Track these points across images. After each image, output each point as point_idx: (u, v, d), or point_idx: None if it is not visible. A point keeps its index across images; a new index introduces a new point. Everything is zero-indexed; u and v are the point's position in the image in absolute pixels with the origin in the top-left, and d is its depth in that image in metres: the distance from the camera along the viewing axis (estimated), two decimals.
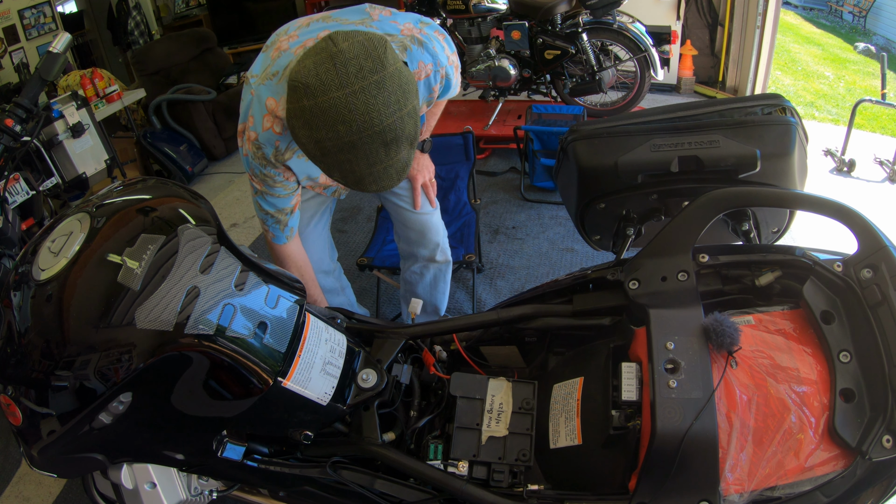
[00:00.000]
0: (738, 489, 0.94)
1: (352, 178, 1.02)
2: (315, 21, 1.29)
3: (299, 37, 1.23)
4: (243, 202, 3.65)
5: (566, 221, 2.94)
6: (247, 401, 0.97)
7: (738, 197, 1.11)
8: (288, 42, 1.23)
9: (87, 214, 0.94)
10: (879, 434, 0.90)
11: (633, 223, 1.46)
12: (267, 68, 1.22)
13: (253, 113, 1.23)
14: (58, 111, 2.89)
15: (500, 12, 3.49)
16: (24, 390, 0.89)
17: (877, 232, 0.99)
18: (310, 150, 1.00)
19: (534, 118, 3.24)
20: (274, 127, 1.22)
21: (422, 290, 1.92)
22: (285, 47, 1.22)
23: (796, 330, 1.02)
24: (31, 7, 4.38)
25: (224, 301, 0.91)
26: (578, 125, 1.38)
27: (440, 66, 1.31)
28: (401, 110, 0.96)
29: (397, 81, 0.96)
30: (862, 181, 3.24)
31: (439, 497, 1.10)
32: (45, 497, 1.87)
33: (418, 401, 1.23)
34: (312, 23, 1.28)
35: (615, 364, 1.09)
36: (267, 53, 1.26)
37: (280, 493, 1.18)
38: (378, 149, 0.97)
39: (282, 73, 1.18)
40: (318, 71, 0.93)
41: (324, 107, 0.93)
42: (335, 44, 0.94)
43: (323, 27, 1.24)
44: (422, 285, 1.91)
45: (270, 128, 1.22)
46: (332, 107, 0.93)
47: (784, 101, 1.30)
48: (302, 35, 1.24)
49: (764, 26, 3.83)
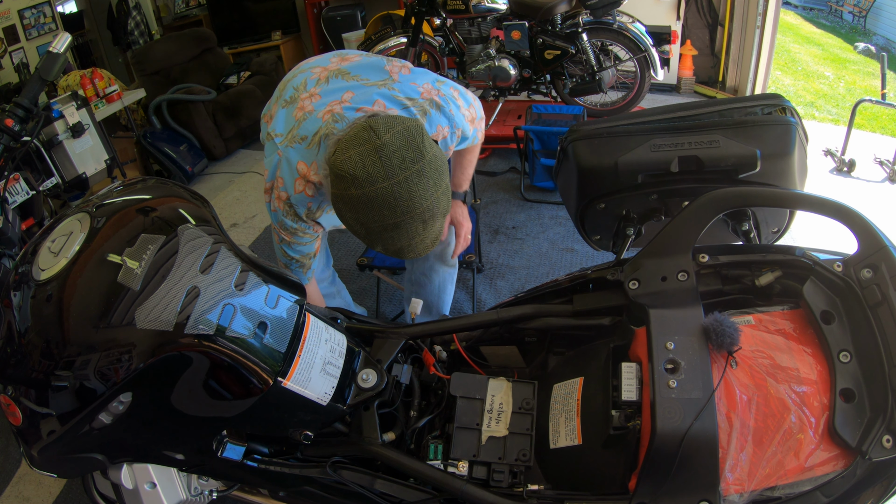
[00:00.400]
0: (738, 489, 0.94)
1: (392, 249, 1.11)
2: (333, 77, 1.30)
3: (321, 97, 1.26)
4: (243, 202, 3.66)
5: (566, 221, 2.94)
6: (247, 401, 0.97)
7: (738, 197, 1.11)
8: (311, 102, 1.26)
9: (87, 214, 0.94)
10: (879, 434, 0.90)
11: (633, 223, 1.46)
12: (293, 130, 1.26)
13: (283, 175, 1.26)
14: (58, 111, 2.89)
15: (500, 12, 3.49)
16: (24, 390, 0.89)
17: (877, 232, 0.98)
18: (355, 229, 1.09)
19: (534, 118, 3.24)
20: (306, 190, 1.26)
21: (429, 293, 1.92)
22: (309, 109, 1.25)
23: (796, 330, 1.02)
24: (31, 7, 4.38)
25: (224, 301, 0.91)
26: (578, 125, 1.38)
27: (456, 129, 1.37)
28: (437, 191, 1.06)
29: (433, 165, 1.05)
30: (862, 181, 3.24)
31: (439, 497, 1.10)
32: (45, 497, 1.87)
33: (418, 401, 1.23)
34: (331, 79, 1.30)
35: (615, 364, 1.09)
36: (289, 111, 1.29)
37: (280, 493, 1.18)
38: (418, 226, 1.06)
39: (311, 139, 1.23)
40: (364, 163, 1.00)
41: (370, 196, 1.01)
42: (378, 136, 1.01)
43: (345, 87, 1.27)
44: (429, 287, 1.91)
45: (303, 191, 1.27)
46: (378, 196, 1.01)
47: (784, 101, 1.30)
48: (324, 95, 1.26)
49: (764, 26, 3.83)
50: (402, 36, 3.71)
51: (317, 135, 1.23)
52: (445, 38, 3.73)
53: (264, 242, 3.14)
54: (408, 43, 3.70)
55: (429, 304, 1.93)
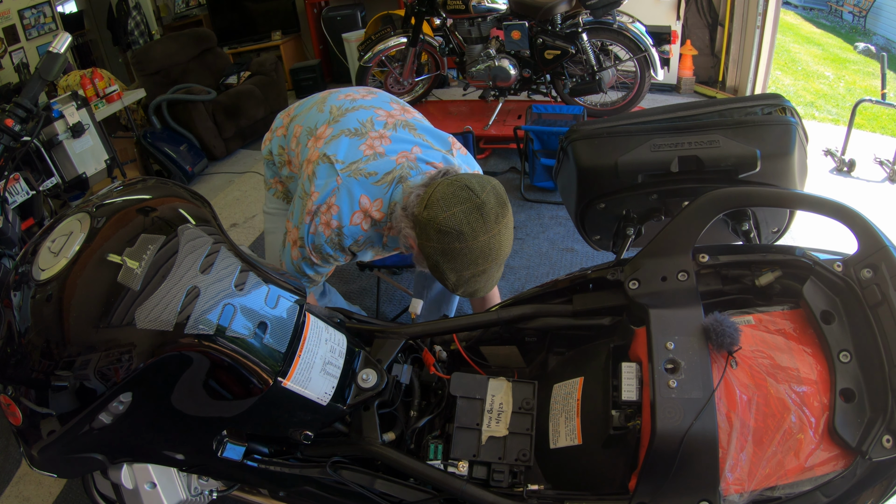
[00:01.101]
0: (738, 489, 0.94)
1: (471, 291, 1.24)
2: (401, 127, 1.39)
3: (392, 142, 1.35)
4: (243, 202, 3.66)
5: (566, 221, 2.94)
6: (247, 401, 0.97)
7: (738, 197, 1.11)
8: (381, 144, 1.34)
9: (87, 214, 0.94)
10: (879, 434, 0.90)
11: (633, 223, 1.46)
12: (358, 163, 1.31)
13: (339, 203, 1.30)
14: (58, 111, 2.89)
15: (500, 12, 3.49)
16: (24, 390, 0.89)
17: (877, 232, 0.98)
18: (446, 276, 1.20)
19: (534, 118, 3.25)
20: (363, 224, 1.33)
21: (440, 287, 1.92)
22: (380, 150, 1.33)
23: (796, 330, 1.02)
24: (31, 7, 4.38)
25: (224, 301, 0.91)
26: (578, 125, 1.38)
27: None
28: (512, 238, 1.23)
29: (511, 217, 1.20)
30: (862, 181, 3.24)
31: (439, 497, 1.10)
32: (45, 497, 1.87)
33: (418, 401, 1.23)
34: (398, 128, 1.37)
35: (615, 364, 1.09)
36: (354, 143, 1.34)
37: (280, 493, 1.18)
38: (496, 271, 1.23)
39: (382, 177, 1.31)
40: (469, 220, 1.13)
41: (472, 248, 1.15)
42: (477, 195, 1.14)
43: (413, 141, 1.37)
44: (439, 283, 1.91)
45: (359, 224, 1.33)
46: (477, 248, 1.15)
47: (784, 101, 1.30)
48: (395, 141, 1.35)
49: (764, 26, 3.83)
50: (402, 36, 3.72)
51: (389, 174, 1.31)
52: (445, 38, 3.73)
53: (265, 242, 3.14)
54: (408, 43, 3.71)
55: (439, 296, 1.93)
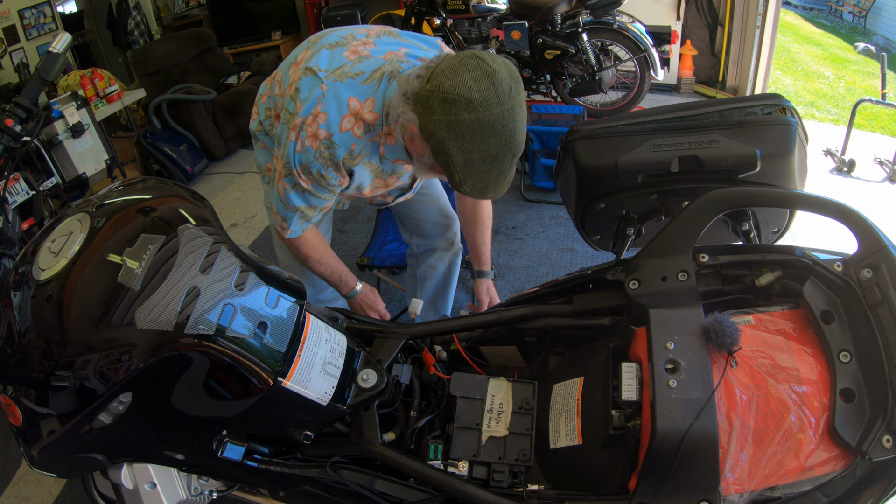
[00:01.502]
0: (738, 489, 0.94)
1: (480, 186, 1.09)
2: (386, 35, 1.28)
3: (377, 45, 1.23)
4: (243, 202, 3.66)
5: (566, 221, 2.94)
6: (247, 401, 0.97)
7: (738, 197, 1.11)
8: (366, 48, 1.22)
9: (87, 214, 0.94)
10: (879, 434, 0.90)
11: (633, 223, 1.46)
12: (343, 66, 1.19)
13: (326, 110, 1.18)
14: (58, 111, 2.90)
15: (500, 12, 3.50)
16: (24, 390, 0.89)
17: (877, 232, 0.98)
18: (455, 159, 1.05)
19: (534, 118, 3.25)
20: (354, 130, 1.19)
21: (435, 284, 1.92)
22: (365, 53, 1.21)
23: (796, 330, 1.02)
24: (31, 7, 4.38)
25: (224, 301, 0.91)
26: (578, 125, 1.38)
27: None
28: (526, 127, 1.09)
29: (524, 100, 1.07)
30: (862, 181, 3.24)
31: (439, 497, 1.10)
32: (45, 497, 1.87)
33: (418, 401, 1.23)
34: (384, 36, 1.27)
35: (615, 364, 1.09)
36: (335, 52, 1.22)
37: (280, 493, 1.18)
38: (509, 160, 1.08)
39: (370, 75, 1.18)
40: (479, 87, 0.99)
41: (483, 121, 1.00)
42: (487, 63, 1.01)
43: (399, 44, 1.25)
44: (436, 278, 1.91)
45: (350, 130, 1.19)
46: (490, 121, 1.01)
47: (784, 101, 1.30)
48: (380, 45, 1.24)
49: (764, 26, 3.84)
50: None
51: (377, 71, 1.18)
52: (445, 38, 3.74)
53: (264, 242, 3.14)
54: None
55: (434, 295, 1.93)
